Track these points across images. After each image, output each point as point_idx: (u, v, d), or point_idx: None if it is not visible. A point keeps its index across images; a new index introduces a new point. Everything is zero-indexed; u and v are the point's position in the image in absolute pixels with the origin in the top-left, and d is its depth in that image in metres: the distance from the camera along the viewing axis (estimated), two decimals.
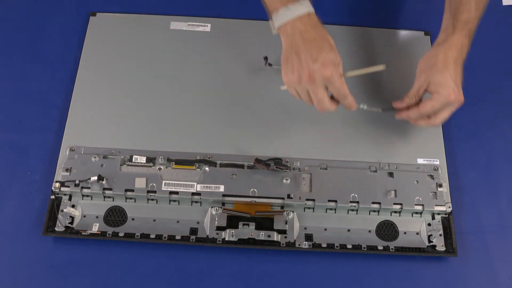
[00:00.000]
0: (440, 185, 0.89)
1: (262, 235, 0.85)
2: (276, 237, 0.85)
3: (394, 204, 0.87)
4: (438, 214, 0.88)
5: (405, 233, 0.88)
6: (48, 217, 0.86)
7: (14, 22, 1.04)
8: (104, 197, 0.88)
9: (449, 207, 0.88)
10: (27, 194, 0.89)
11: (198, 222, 0.87)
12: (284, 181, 0.88)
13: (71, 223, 0.86)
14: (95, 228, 0.86)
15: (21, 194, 0.89)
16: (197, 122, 0.94)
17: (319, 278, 0.85)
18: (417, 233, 0.88)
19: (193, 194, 0.87)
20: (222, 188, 0.87)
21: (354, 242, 0.86)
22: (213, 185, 0.88)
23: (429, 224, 0.88)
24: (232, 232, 0.85)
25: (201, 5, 1.06)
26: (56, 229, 0.85)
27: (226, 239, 0.85)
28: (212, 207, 0.87)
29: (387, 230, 0.88)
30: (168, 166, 0.89)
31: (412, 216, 0.89)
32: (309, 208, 0.88)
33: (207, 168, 0.89)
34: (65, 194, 0.87)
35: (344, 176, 0.89)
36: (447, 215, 0.88)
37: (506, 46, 1.06)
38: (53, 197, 0.87)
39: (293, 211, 0.87)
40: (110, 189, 0.87)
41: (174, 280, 0.84)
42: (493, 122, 0.98)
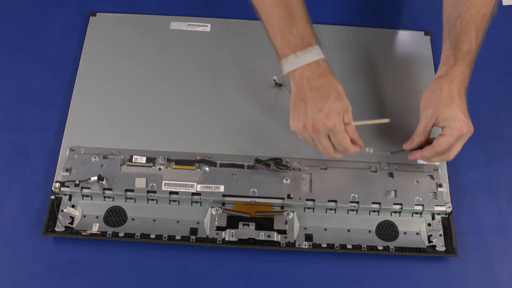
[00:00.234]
0: (440, 185, 0.89)
1: (262, 235, 0.85)
2: (276, 237, 0.85)
3: (394, 204, 0.87)
4: (438, 214, 0.88)
5: (405, 233, 0.88)
6: (48, 217, 0.86)
7: (14, 22, 1.04)
8: (104, 197, 0.88)
9: (449, 207, 0.88)
10: (27, 194, 0.89)
11: (198, 222, 0.87)
12: (284, 181, 0.88)
13: (71, 223, 0.86)
14: (95, 228, 0.86)
15: (21, 194, 0.89)
16: (197, 122, 0.94)
17: (319, 278, 0.85)
18: (417, 233, 0.88)
19: (193, 194, 0.87)
20: (222, 188, 0.87)
21: (354, 242, 0.86)
22: (213, 185, 0.88)
23: (429, 224, 0.88)
24: (232, 232, 0.85)
25: (201, 5, 1.06)
26: (56, 229, 0.85)
27: (226, 239, 0.85)
28: (212, 207, 0.87)
29: (387, 230, 0.88)
30: (168, 166, 0.89)
31: (412, 216, 0.88)
32: (309, 208, 0.88)
33: (207, 168, 0.89)
34: (65, 194, 0.87)
35: (344, 176, 0.89)
36: (447, 215, 0.88)
37: (506, 46, 1.06)
38: (53, 197, 0.87)
39: (293, 211, 0.87)
40: (110, 189, 0.87)
41: (174, 280, 0.84)
42: (493, 122, 0.98)
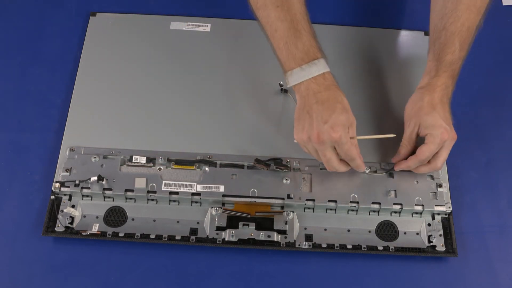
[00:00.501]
0: (440, 185, 0.89)
1: (262, 235, 0.85)
2: (276, 237, 0.85)
3: (394, 204, 0.87)
4: (438, 214, 0.88)
5: (405, 233, 0.88)
6: (48, 217, 0.86)
7: (14, 22, 1.04)
8: (104, 197, 0.87)
9: (449, 207, 0.88)
10: (27, 194, 0.89)
11: (198, 222, 0.87)
12: (284, 181, 0.88)
13: (71, 223, 0.86)
14: (95, 228, 0.86)
15: (21, 194, 0.89)
16: (197, 122, 0.94)
17: (319, 278, 0.85)
18: (417, 233, 0.88)
19: (193, 194, 0.87)
20: (222, 188, 0.87)
21: (354, 242, 0.86)
22: (213, 185, 0.88)
23: (429, 224, 0.88)
24: (232, 232, 0.85)
25: (201, 5, 1.06)
26: (56, 229, 0.85)
27: (226, 239, 0.85)
28: (212, 207, 0.87)
29: (387, 230, 0.88)
30: (168, 166, 0.89)
31: (412, 216, 0.88)
32: (309, 208, 0.88)
33: (207, 168, 0.89)
34: (65, 194, 0.87)
35: (344, 176, 0.89)
36: (447, 215, 0.88)
37: (506, 46, 1.06)
38: (53, 197, 0.87)
39: (293, 211, 0.87)
40: (110, 189, 0.87)
41: (174, 280, 0.84)
42: (493, 122, 0.98)
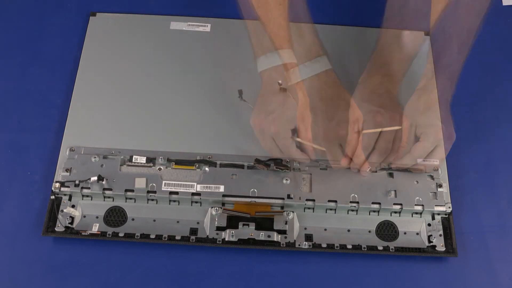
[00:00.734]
0: (440, 185, 0.89)
1: (262, 235, 0.85)
2: (276, 237, 0.85)
3: (394, 205, 0.87)
4: (438, 214, 0.88)
5: (405, 233, 0.88)
6: (48, 217, 0.86)
7: (14, 22, 1.04)
8: (104, 197, 0.87)
9: (449, 207, 0.88)
10: (27, 194, 0.89)
11: (198, 222, 0.87)
12: (284, 181, 0.88)
13: (71, 223, 0.86)
14: (95, 228, 0.86)
15: (21, 194, 0.89)
16: (197, 122, 0.94)
17: (319, 278, 0.85)
18: (417, 233, 0.88)
19: (193, 194, 0.87)
20: (222, 188, 0.87)
21: (354, 242, 0.86)
22: (213, 185, 0.88)
23: (429, 224, 0.88)
24: (232, 232, 0.85)
25: (201, 5, 1.06)
26: (56, 229, 0.85)
27: (226, 239, 0.85)
28: (212, 207, 0.87)
29: (387, 230, 0.88)
30: (168, 166, 0.89)
31: (412, 216, 0.88)
32: (309, 208, 0.88)
33: (207, 168, 0.89)
34: (65, 194, 0.87)
35: (344, 176, 0.89)
36: (447, 215, 0.88)
37: (506, 46, 1.06)
38: (53, 197, 0.87)
39: (293, 211, 0.87)
40: (110, 189, 0.87)
41: (174, 280, 0.84)
42: (493, 123, 0.98)
